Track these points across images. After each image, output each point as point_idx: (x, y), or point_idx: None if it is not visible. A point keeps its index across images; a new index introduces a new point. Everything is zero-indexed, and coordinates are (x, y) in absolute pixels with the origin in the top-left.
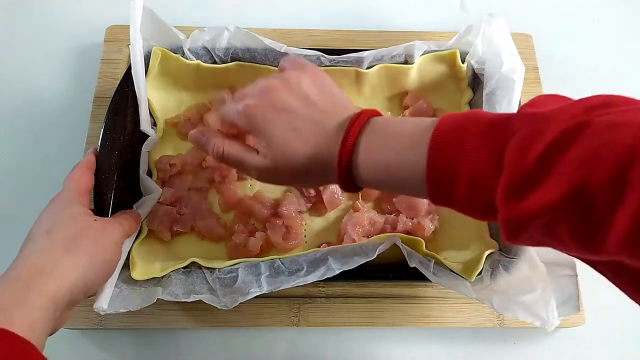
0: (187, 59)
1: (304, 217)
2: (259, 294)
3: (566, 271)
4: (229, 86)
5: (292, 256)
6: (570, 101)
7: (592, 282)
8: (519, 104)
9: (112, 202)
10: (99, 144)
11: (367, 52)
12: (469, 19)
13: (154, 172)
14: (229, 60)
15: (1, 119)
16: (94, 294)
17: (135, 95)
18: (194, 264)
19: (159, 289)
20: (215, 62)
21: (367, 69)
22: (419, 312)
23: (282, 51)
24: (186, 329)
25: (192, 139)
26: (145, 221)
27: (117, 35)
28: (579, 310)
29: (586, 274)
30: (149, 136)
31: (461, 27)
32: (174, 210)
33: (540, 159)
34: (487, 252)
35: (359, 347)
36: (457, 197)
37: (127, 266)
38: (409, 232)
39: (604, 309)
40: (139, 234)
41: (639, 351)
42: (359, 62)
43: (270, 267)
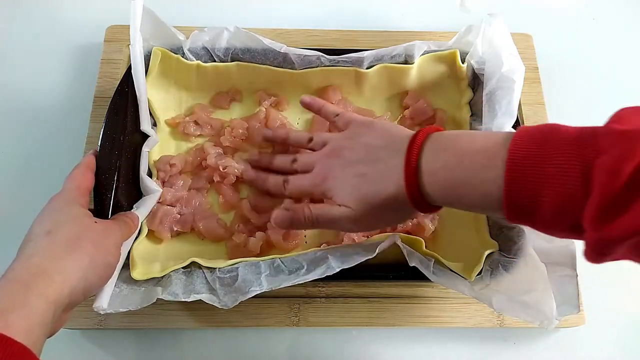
0: (187, 59)
1: None
2: (259, 292)
3: (566, 271)
4: (229, 86)
5: (292, 256)
6: None
7: (592, 282)
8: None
9: (112, 202)
10: (99, 144)
11: (367, 52)
12: (469, 19)
13: (154, 172)
14: (229, 60)
15: (1, 119)
16: (93, 295)
17: (135, 95)
18: (194, 264)
19: (159, 289)
20: (215, 62)
21: (367, 69)
22: (419, 312)
23: (282, 51)
24: (186, 329)
25: (280, 220)
26: (145, 221)
27: (117, 35)
28: (579, 310)
29: (586, 274)
30: (149, 136)
31: (461, 27)
32: (174, 210)
33: (632, 179)
34: (487, 252)
35: (359, 347)
36: (539, 218)
37: (127, 266)
38: (409, 232)
39: (604, 309)
40: (139, 234)
41: (639, 351)
42: (359, 62)
43: (270, 266)
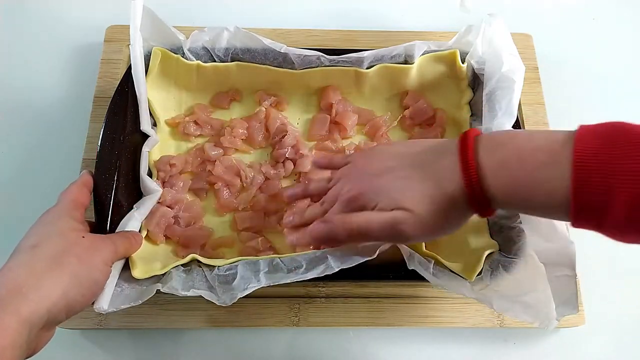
0: (187, 59)
1: None
2: (257, 288)
3: (565, 271)
4: (229, 86)
5: (291, 255)
6: None
7: (592, 282)
8: (519, 104)
9: (112, 202)
10: (99, 144)
11: (367, 52)
12: (469, 19)
13: (154, 172)
14: (229, 60)
15: (1, 119)
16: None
17: (135, 95)
18: (194, 262)
19: (159, 284)
20: (215, 62)
21: (367, 69)
22: (419, 312)
23: (282, 51)
24: (186, 329)
25: (316, 234)
26: (144, 221)
27: (117, 35)
28: (578, 310)
29: (586, 274)
30: (149, 136)
31: (461, 27)
32: (171, 212)
33: None
34: (487, 252)
35: (359, 347)
36: (611, 219)
37: (128, 266)
38: None
39: (604, 309)
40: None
41: (639, 351)
42: (359, 62)
43: (269, 264)
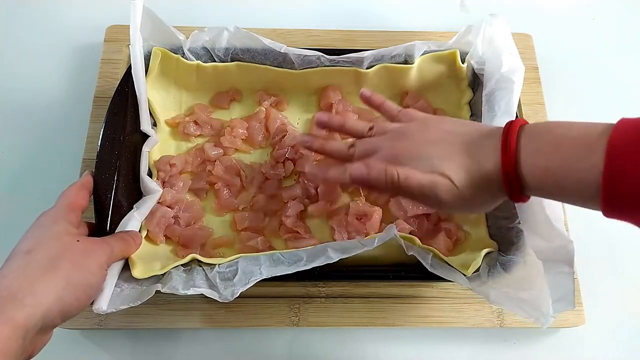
0: (187, 59)
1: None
2: (259, 280)
3: (563, 268)
4: (229, 86)
5: (292, 250)
6: None
7: (592, 282)
8: (519, 104)
9: (112, 202)
10: (99, 144)
11: (367, 52)
12: (469, 19)
13: (154, 172)
14: (229, 60)
15: (1, 119)
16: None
17: (135, 95)
18: (193, 262)
19: (159, 285)
20: (215, 62)
21: (367, 69)
22: (419, 312)
23: (282, 51)
24: (186, 329)
25: (357, 175)
26: (144, 221)
27: (117, 35)
28: (574, 306)
29: (587, 274)
30: (149, 136)
31: (461, 27)
32: (171, 212)
33: None
34: (485, 251)
35: (359, 347)
36: None
37: (128, 265)
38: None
39: (604, 309)
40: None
41: (639, 351)
42: (359, 62)
43: (269, 258)
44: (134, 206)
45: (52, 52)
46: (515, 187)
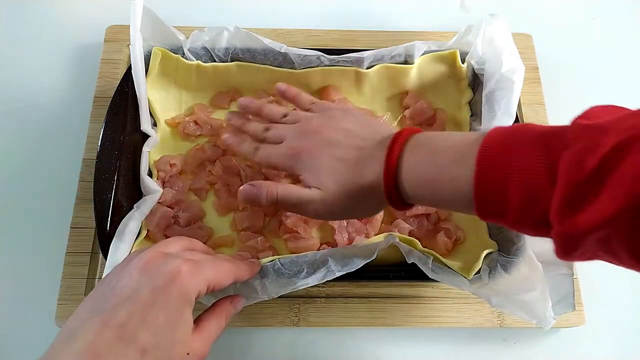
0: (187, 59)
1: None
2: (259, 301)
3: (563, 270)
4: (229, 86)
5: (292, 257)
6: (628, 111)
7: (592, 282)
8: (519, 104)
9: (112, 202)
10: (99, 144)
11: (367, 52)
12: (469, 19)
13: (154, 172)
14: (229, 60)
15: (1, 119)
16: None
17: (135, 95)
18: None
19: None
20: (215, 62)
21: (367, 69)
22: (419, 312)
23: (282, 51)
24: None
25: (244, 195)
26: (144, 221)
27: (117, 35)
28: (574, 308)
29: (586, 274)
30: (149, 136)
31: (461, 27)
32: (171, 212)
33: (595, 171)
34: (485, 252)
35: (359, 347)
36: (508, 213)
37: None
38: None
39: (604, 309)
40: (139, 234)
41: (639, 351)
42: (359, 62)
43: (271, 269)
44: (134, 206)
45: (52, 52)
46: (395, 198)
